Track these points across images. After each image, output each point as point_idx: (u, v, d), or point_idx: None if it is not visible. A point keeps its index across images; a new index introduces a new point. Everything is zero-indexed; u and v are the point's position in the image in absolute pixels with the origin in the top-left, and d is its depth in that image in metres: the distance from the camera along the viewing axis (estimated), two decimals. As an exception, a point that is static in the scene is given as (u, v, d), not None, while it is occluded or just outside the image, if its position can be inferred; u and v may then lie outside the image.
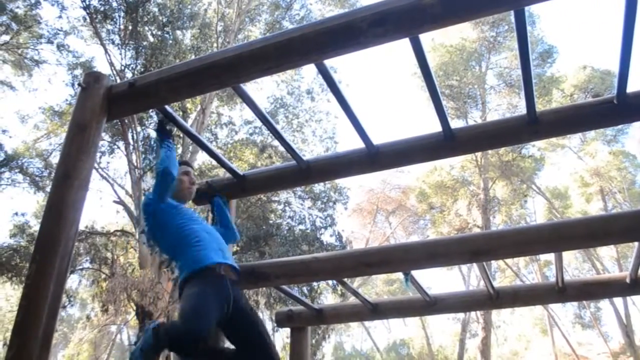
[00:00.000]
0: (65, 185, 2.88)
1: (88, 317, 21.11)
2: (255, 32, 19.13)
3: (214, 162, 12.85)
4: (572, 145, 27.60)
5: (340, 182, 18.37)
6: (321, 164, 3.88)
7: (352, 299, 6.22)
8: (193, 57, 12.46)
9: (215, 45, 16.69)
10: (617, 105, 3.02)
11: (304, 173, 3.83)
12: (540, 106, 3.33)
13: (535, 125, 3.21)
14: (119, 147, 15.64)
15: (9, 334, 2.75)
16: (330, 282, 15.10)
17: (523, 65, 2.85)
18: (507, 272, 30.88)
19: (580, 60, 44.70)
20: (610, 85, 21.18)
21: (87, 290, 20.86)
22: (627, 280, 4.47)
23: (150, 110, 11.11)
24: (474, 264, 4.89)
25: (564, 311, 32.47)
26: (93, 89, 3.19)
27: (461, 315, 29.32)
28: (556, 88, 22.14)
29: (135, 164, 14.56)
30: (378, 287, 38.48)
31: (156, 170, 3.36)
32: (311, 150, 18.95)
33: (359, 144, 3.64)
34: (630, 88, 2.97)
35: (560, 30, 55.08)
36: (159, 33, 15.54)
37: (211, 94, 16.17)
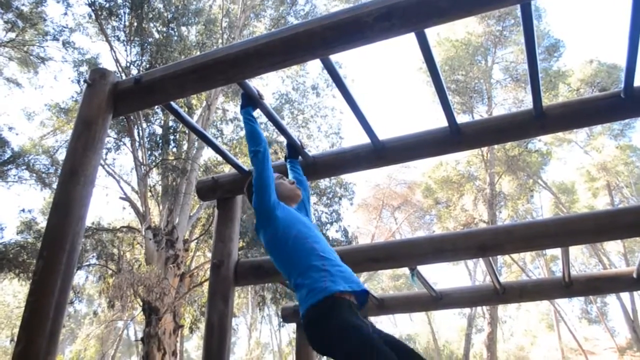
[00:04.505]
0: (72, 181, 2.89)
1: (95, 313, 21.25)
2: (261, 27, 19.10)
3: (220, 158, 12.86)
4: (578, 139, 27.48)
5: (346, 177, 18.34)
6: (327, 159, 3.88)
7: (358, 295, 6.22)
8: (198, 53, 12.47)
9: (220, 41, 16.68)
10: (624, 99, 3.01)
11: (310, 168, 3.83)
12: (546, 101, 3.32)
13: (542, 120, 3.20)
14: (124, 144, 15.66)
15: (16, 330, 2.77)
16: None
17: (529, 60, 2.84)
18: (513, 267, 30.83)
19: (587, 54, 44.54)
20: (617, 80, 21.06)
21: (93, 286, 20.97)
22: (634, 275, 4.46)
23: (156, 106, 11.13)
24: (480, 259, 4.89)
25: (571, 306, 32.46)
26: (99, 85, 3.19)
27: (467, 310, 29.32)
28: (562, 82, 22.03)
29: (141, 160, 14.58)
30: (384, 282, 38.52)
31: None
32: (317, 145, 18.94)
33: (365, 140, 3.64)
34: (638, 82, 2.96)
35: (566, 24, 54.83)
36: (164, 29, 15.55)
37: (216, 90, 16.15)
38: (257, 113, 3.26)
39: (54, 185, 15.22)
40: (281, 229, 2.77)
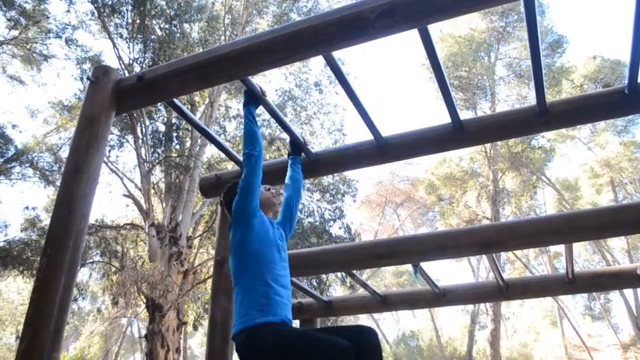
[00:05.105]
0: (75, 179, 2.90)
1: (99, 310, 21.26)
2: (263, 24, 19.08)
3: (223, 155, 12.87)
4: (582, 136, 27.41)
5: (349, 174, 18.35)
6: (330, 156, 3.88)
7: (361, 291, 6.24)
8: (201, 50, 12.47)
9: (223, 38, 16.67)
10: (628, 95, 3.00)
11: (312, 165, 3.83)
12: (549, 97, 3.31)
13: (546, 116, 3.19)
14: (128, 141, 15.68)
15: (21, 327, 2.78)
16: (339, 274, 15.13)
17: (533, 56, 2.83)
18: (516, 264, 30.82)
19: (590, 50, 44.40)
20: (621, 76, 20.99)
21: (97, 283, 21.03)
22: (638, 272, 4.45)
23: (159, 103, 11.14)
24: (484, 256, 4.89)
25: (574, 303, 32.38)
26: (102, 82, 3.20)
27: (470, 307, 29.31)
28: (566, 78, 21.97)
29: (145, 157, 14.60)
30: (387, 279, 38.51)
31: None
32: (319, 142, 18.93)
33: (368, 136, 3.63)
34: (642, 78, 2.95)
35: (570, 20, 54.68)
36: (167, 26, 15.55)
37: (219, 87, 16.16)
38: (260, 110, 3.25)
39: (58, 183, 15.18)
40: (248, 238, 2.85)
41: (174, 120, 15.52)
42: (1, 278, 16.78)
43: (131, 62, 14.74)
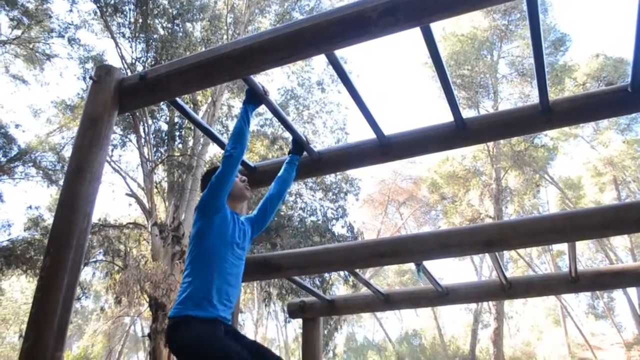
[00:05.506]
0: (78, 178, 2.90)
1: (102, 309, 21.33)
2: (265, 23, 19.08)
3: (225, 154, 12.85)
4: (585, 134, 27.39)
5: (352, 173, 18.35)
6: (332, 155, 3.88)
7: (363, 290, 6.24)
8: (203, 49, 12.46)
9: (225, 37, 16.68)
10: (632, 93, 2.99)
11: (315, 164, 3.83)
12: (552, 95, 3.29)
13: (548, 114, 3.18)
14: (130, 140, 15.71)
15: (24, 326, 2.78)
16: (341, 273, 15.13)
17: (535, 54, 2.82)
18: (519, 263, 30.81)
19: (593, 48, 44.30)
20: (623, 74, 20.95)
21: (100, 283, 21.05)
22: (642, 270, 4.43)
23: (162, 102, 11.14)
24: (486, 255, 4.88)
25: (577, 301, 32.39)
26: (104, 82, 3.20)
27: (473, 305, 29.31)
28: (569, 77, 21.94)
29: (147, 156, 14.62)
30: (390, 278, 38.54)
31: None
32: (322, 141, 18.94)
33: (370, 135, 3.63)
34: (645, 76, 2.94)
35: (573, 18, 54.56)
36: (169, 26, 15.56)
37: (222, 86, 16.17)
38: (262, 108, 3.24)
39: (61, 182, 15.26)
40: (206, 231, 2.91)
41: (176, 120, 15.54)
42: (5, 277, 16.81)
43: (134, 61, 14.76)
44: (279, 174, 3.58)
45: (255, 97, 3.18)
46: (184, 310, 2.68)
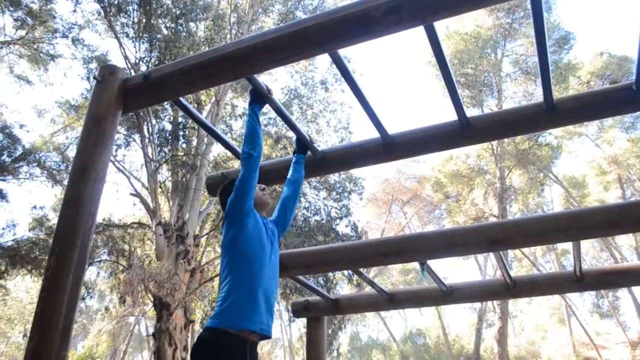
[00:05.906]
0: (83, 178, 2.90)
1: (106, 309, 21.36)
2: (269, 22, 19.08)
3: (229, 154, 12.87)
4: (589, 133, 27.33)
5: (355, 172, 18.32)
6: (336, 154, 3.87)
7: (368, 289, 6.23)
8: (207, 49, 12.47)
9: (228, 36, 16.68)
10: (636, 91, 2.98)
11: (319, 163, 3.83)
12: (557, 94, 3.28)
13: (553, 113, 3.17)
14: (134, 140, 15.74)
15: (29, 326, 2.79)
16: (346, 272, 15.13)
17: (540, 52, 2.81)
18: (524, 262, 30.75)
19: (597, 47, 44.18)
20: (628, 72, 20.91)
21: (105, 282, 21.09)
22: (647, 269, 4.42)
23: (165, 102, 11.16)
24: (491, 254, 4.87)
25: (582, 300, 32.36)
26: (108, 82, 3.20)
27: (477, 305, 29.29)
28: (573, 75, 21.89)
29: (151, 156, 14.64)
30: (394, 277, 38.51)
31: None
32: (325, 140, 18.93)
33: (374, 134, 3.63)
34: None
35: (577, 16, 54.39)
36: (173, 25, 15.58)
37: (225, 86, 16.19)
38: (266, 108, 3.24)
39: (65, 182, 15.30)
40: (240, 237, 2.85)
41: (180, 119, 15.56)
42: (10, 277, 16.88)
43: (137, 61, 14.79)
44: (289, 176, 3.58)
45: (259, 97, 3.18)
46: (236, 322, 2.63)
